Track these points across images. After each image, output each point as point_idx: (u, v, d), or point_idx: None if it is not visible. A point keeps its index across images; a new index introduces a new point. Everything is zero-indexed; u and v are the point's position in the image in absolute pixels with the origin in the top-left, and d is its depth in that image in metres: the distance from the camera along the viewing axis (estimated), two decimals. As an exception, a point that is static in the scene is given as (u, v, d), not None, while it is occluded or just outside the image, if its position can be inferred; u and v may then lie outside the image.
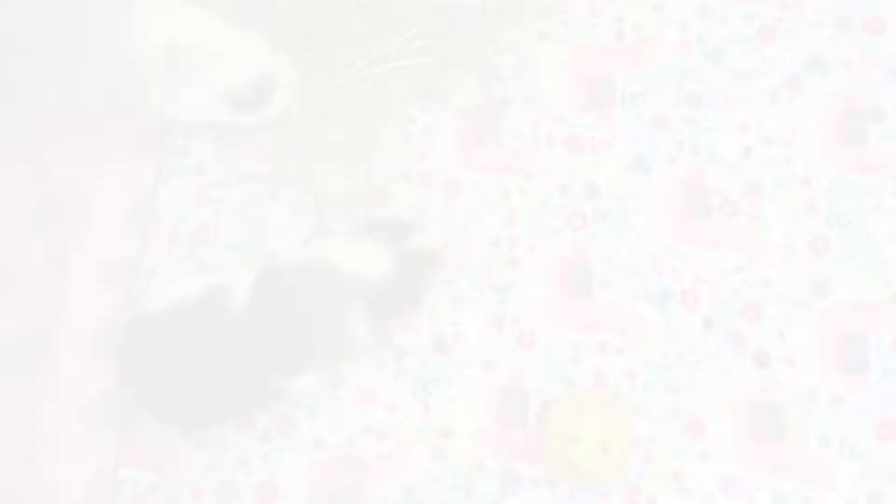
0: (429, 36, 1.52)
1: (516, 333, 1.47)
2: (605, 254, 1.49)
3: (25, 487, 1.37)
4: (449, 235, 1.50)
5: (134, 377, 1.33)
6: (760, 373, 1.45)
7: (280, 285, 1.32)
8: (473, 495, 1.42)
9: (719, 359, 1.46)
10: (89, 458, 1.39)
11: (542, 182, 1.53)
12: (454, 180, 1.53)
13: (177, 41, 1.34)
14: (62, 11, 1.31)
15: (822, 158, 1.53)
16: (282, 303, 1.31)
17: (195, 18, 1.36)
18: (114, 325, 1.45)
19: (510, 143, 1.54)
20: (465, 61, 1.55)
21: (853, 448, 1.43)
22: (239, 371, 1.31)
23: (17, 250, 1.48)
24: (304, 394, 1.44)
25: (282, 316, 1.31)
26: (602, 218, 1.51)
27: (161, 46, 1.34)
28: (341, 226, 1.50)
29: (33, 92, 1.38)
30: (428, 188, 1.52)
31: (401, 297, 1.37)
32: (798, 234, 1.50)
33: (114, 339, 1.45)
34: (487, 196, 1.52)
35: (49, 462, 1.38)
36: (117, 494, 1.41)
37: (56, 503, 1.36)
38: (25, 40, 1.31)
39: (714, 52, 1.57)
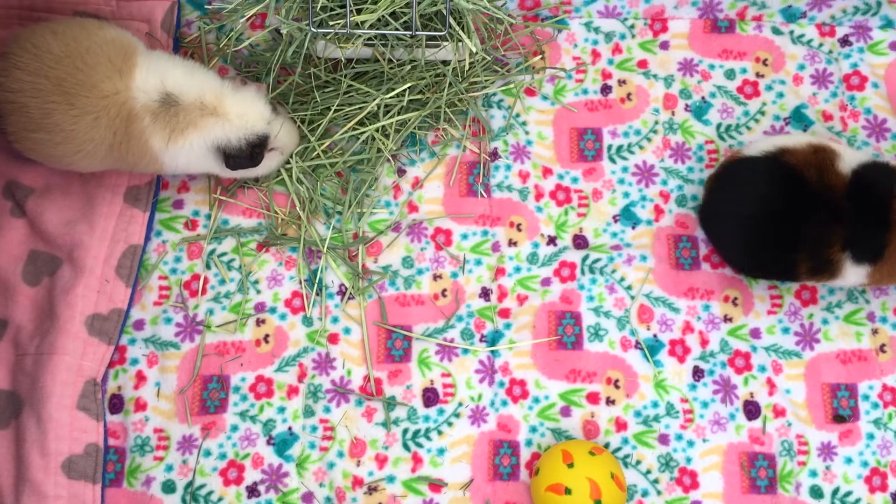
0: (420, 92, 1.55)
1: (507, 385, 1.47)
2: (594, 304, 1.50)
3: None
4: (439, 286, 1.51)
5: None
6: (751, 423, 1.45)
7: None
8: (464, 550, 1.40)
9: (710, 409, 1.45)
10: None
11: (532, 233, 1.54)
12: (444, 232, 1.54)
13: (175, 94, 1.36)
14: (62, 66, 1.33)
15: (806, 210, 1.55)
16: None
17: (194, 73, 1.39)
18: (101, 378, 1.44)
19: (499, 195, 1.56)
20: (454, 116, 1.58)
21: (845, 498, 1.42)
22: None
23: (7, 302, 1.47)
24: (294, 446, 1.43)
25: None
26: (591, 269, 1.52)
27: (159, 99, 1.36)
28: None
29: (29, 145, 1.40)
30: (418, 239, 1.53)
31: None
32: (785, 284, 1.52)
33: (100, 394, 1.44)
34: (477, 247, 1.53)
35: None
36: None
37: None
38: (25, 96, 1.33)
39: (698, 108, 1.61)
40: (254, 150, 1.40)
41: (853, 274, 1.39)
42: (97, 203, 1.51)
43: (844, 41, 1.65)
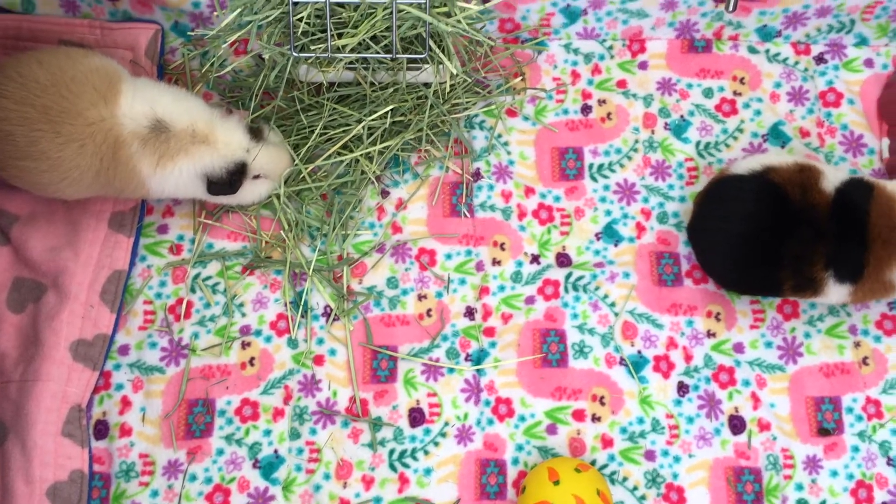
0: (402, 114, 1.57)
1: (492, 403, 1.47)
2: (578, 322, 1.51)
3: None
4: (424, 306, 1.52)
5: None
6: (736, 438, 1.45)
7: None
8: (453, 570, 1.40)
9: (695, 424, 1.46)
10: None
11: (515, 252, 1.56)
12: (428, 252, 1.55)
13: (166, 120, 1.38)
14: (48, 95, 1.34)
15: (786, 225, 1.57)
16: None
17: (183, 100, 1.40)
18: (86, 404, 1.44)
19: (483, 215, 1.58)
20: (437, 137, 1.59)
21: (832, 511, 1.42)
22: None
23: (-10, 329, 1.47)
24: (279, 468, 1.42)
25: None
26: (574, 286, 1.53)
27: (149, 125, 1.37)
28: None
29: (15, 172, 1.40)
30: (403, 260, 1.54)
31: None
32: (767, 298, 1.53)
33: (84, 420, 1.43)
34: (461, 267, 1.54)
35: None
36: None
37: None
38: (11, 125, 1.34)
39: (677, 126, 1.63)
40: (232, 177, 1.42)
41: (836, 292, 1.40)
42: (81, 229, 1.52)
43: (820, 59, 1.68)
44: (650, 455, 1.44)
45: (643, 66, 1.67)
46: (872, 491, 1.43)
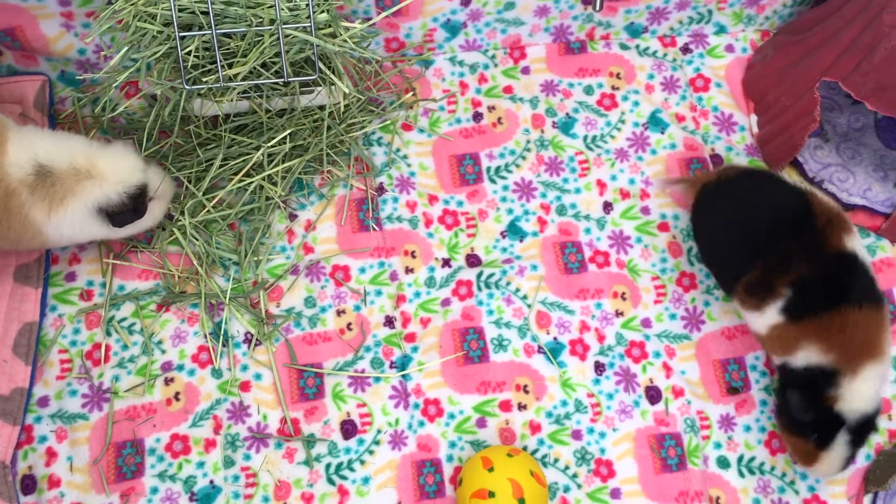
0: (300, 138, 1.61)
1: (421, 406, 1.51)
2: (494, 317, 1.57)
3: None
4: (343, 321, 1.54)
5: None
6: (655, 407, 1.53)
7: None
8: (402, 574, 1.42)
9: (615, 399, 1.53)
10: None
11: (426, 258, 1.61)
12: (342, 268, 1.58)
13: (47, 164, 1.36)
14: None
15: (675, 203, 1.68)
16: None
17: (62, 140, 1.39)
18: (9, 460, 1.40)
19: (391, 227, 1.62)
20: (337, 157, 1.64)
21: (750, 464, 1.51)
22: None
23: None
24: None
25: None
26: (486, 284, 1.59)
27: (33, 171, 1.36)
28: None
29: None
30: (318, 279, 1.57)
31: None
32: (666, 273, 1.62)
33: (8, 477, 1.40)
34: (376, 279, 1.58)
35: None
36: None
37: None
38: None
39: (564, 123, 1.72)
40: (136, 201, 1.41)
41: (768, 316, 1.39)
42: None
43: (685, 49, 1.80)
44: (577, 434, 1.51)
45: (526, 71, 1.76)
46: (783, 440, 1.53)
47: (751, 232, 1.42)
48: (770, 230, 1.40)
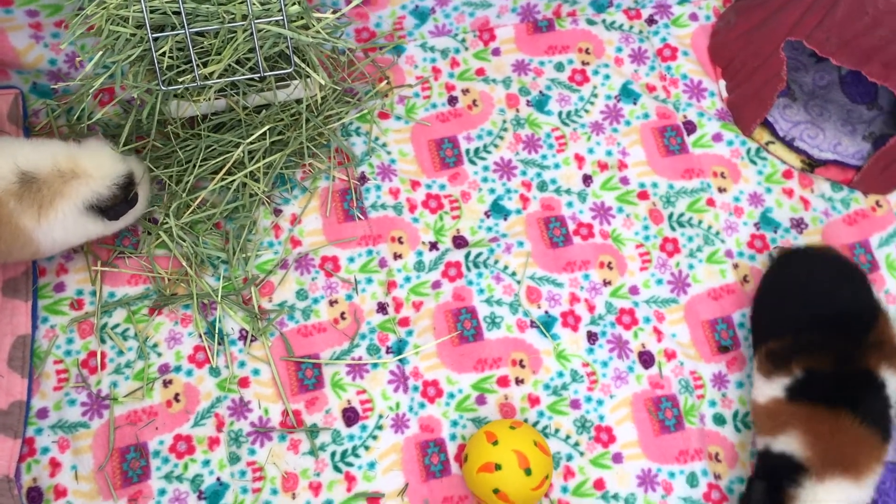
0: (280, 133, 1.61)
1: (420, 388, 1.52)
2: (485, 296, 1.59)
3: None
4: (337, 311, 1.56)
5: None
6: (649, 371, 1.56)
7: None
8: (414, 554, 1.43)
9: (610, 367, 1.56)
10: None
11: (413, 243, 1.62)
12: (331, 259, 1.59)
13: (30, 170, 1.36)
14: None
15: (653, 172, 1.71)
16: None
17: (40, 146, 1.39)
18: (13, 474, 1.40)
19: (376, 215, 1.63)
20: (317, 150, 1.65)
21: (745, 419, 1.55)
22: None
23: None
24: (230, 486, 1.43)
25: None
26: (475, 264, 1.61)
27: (17, 180, 1.35)
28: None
29: None
30: (307, 271, 1.58)
31: None
32: (649, 240, 1.65)
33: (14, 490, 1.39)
34: (365, 267, 1.59)
35: None
36: None
37: None
38: None
39: (538, 101, 1.74)
40: (126, 191, 1.42)
41: (773, 387, 1.37)
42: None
43: (651, 20, 1.83)
44: (575, 404, 1.53)
45: (496, 52, 1.78)
46: (775, 392, 1.56)
47: (806, 306, 1.40)
48: (824, 316, 1.37)
